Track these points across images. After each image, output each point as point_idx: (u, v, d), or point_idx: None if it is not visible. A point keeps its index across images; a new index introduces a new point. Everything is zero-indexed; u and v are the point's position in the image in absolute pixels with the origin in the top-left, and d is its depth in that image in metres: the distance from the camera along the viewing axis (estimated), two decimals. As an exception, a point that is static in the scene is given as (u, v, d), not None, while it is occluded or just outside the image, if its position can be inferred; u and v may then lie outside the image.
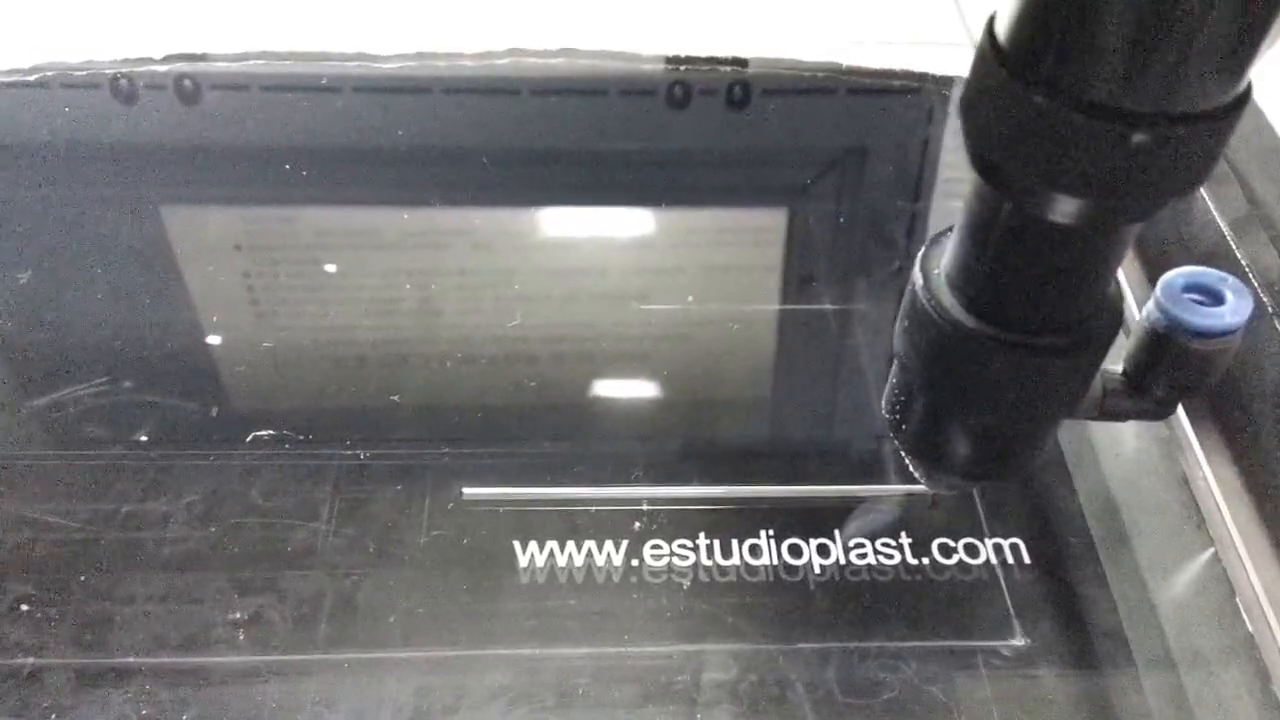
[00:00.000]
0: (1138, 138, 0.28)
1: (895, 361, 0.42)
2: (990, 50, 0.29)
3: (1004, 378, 0.37)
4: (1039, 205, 0.32)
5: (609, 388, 0.62)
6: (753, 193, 0.77)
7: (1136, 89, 0.27)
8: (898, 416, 0.43)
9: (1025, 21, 0.28)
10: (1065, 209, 0.31)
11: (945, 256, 0.38)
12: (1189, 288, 0.41)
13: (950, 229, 0.38)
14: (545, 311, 0.65)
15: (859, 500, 0.55)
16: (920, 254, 0.39)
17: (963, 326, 0.37)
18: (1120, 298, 0.38)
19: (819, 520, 0.53)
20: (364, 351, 0.63)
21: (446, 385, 0.61)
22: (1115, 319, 0.37)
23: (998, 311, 0.36)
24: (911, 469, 0.46)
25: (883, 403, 0.44)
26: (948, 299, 0.37)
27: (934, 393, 0.40)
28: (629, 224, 0.74)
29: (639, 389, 0.62)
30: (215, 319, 0.64)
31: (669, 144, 0.80)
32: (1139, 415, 0.43)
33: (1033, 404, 0.39)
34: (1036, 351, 0.36)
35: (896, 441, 0.44)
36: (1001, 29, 0.29)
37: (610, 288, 0.68)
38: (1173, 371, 0.42)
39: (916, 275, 0.38)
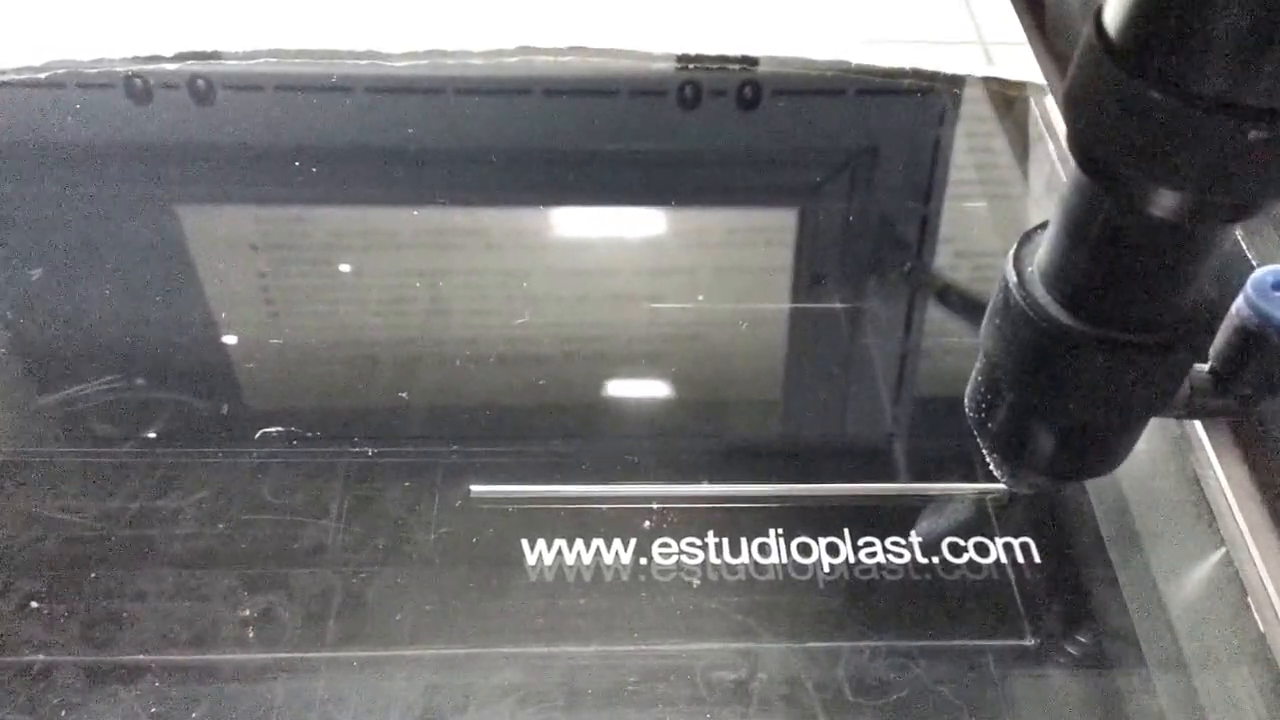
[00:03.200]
0: (1254, 133, 0.28)
1: (981, 360, 0.42)
2: (1098, 44, 0.29)
3: (1101, 375, 0.37)
4: (1144, 200, 0.32)
5: (619, 386, 0.62)
6: (763, 193, 0.77)
7: (1252, 84, 0.27)
8: (983, 415, 0.43)
9: (1138, 16, 0.28)
10: (1171, 204, 0.31)
11: (1039, 254, 0.38)
12: (1279, 284, 0.41)
13: (1041, 226, 0.38)
14: (555, 310, 0.65)
15: (869, 499, 0.55)
16: (1011, 251, 0.39)
17: (1059, 324, 0.37)
18: (1215, 295, 0.38)
19: (828, 519, 0.53)
20: (374, 350, 0.63)
21: (456, 383, 0.61)
22: (1211, 316, 0.37)
23: (1096, 309, 0.36)
24: (993, 468, 0.45)
25: (966, 401, 0.44)
26: (1042, 296, 0.37)
27: (1025, 391, 0.40)
28: (639, 224, 0.74)
29: (649, 388, 0.62)
30: (227, 317, 0.64)
31: (680, 144, 0.80)
32: (1225, 412, 0.43)
33: (1127, 401, 0.39)
34: (1136, 349, 0.36)
35: (980, 440, 0.44)
36: (1111, 22, 0.29)
37: (620, 287, 0.68)
38: (1261, 368, 0.41)
39: (1009, 273, 0.38)
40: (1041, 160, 0.73)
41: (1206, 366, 0.42)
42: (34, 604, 0.49)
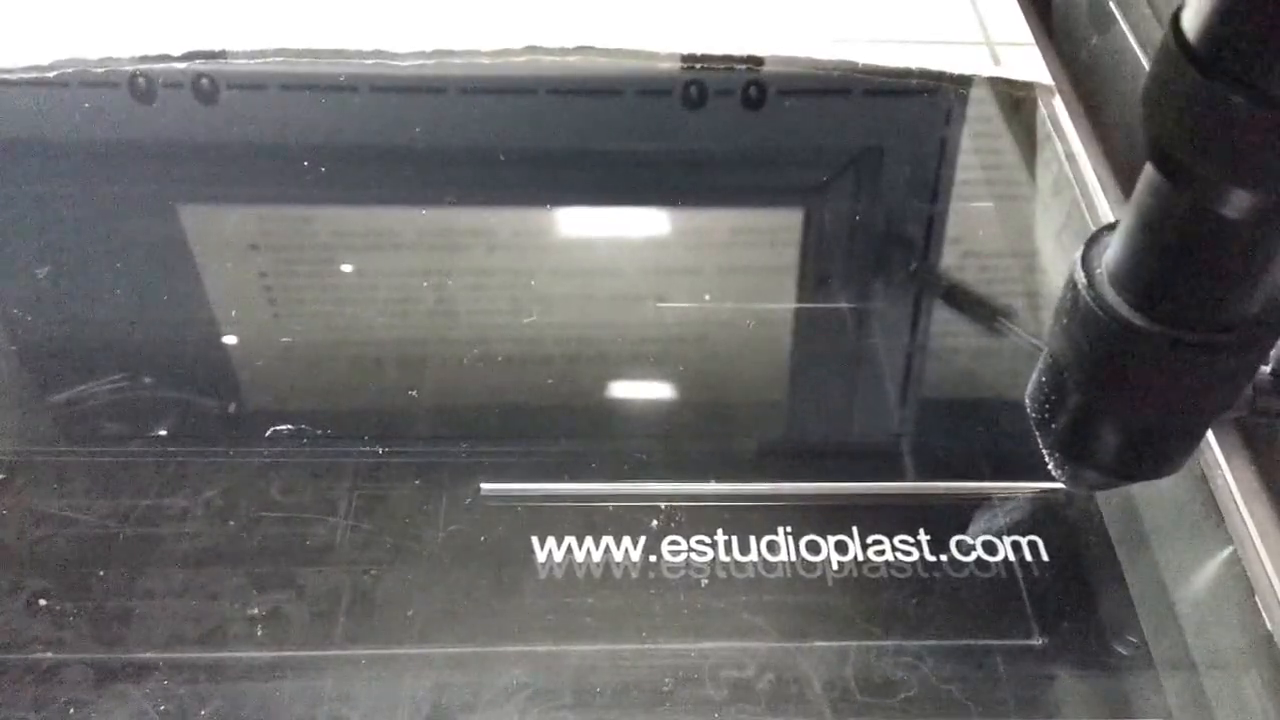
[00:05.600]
0: None
1: (1045, 360, 0.42)
2: (1176, 46, 0.29)
3: (1170, 375, 0.37)
4: (1219, 201, 0.32)
5: (627, 385, 0.62)
6: (769, 192, 0.77)
7: None
8: (1046, 415, 0.43)
9: (1217, 18, 0.28)
10: (1246, 205, 0.31)
11: (1107, 255, 0.38)
12: None
13: (1108, 227, 0.38)
14: (562, 309, 0.65)
15: (877, 497, 0.55)
16: (1079, 253, 0.39)
17: (1130, 324, 0.37)
18: None
19: (837, 517, 0.53)
20: (382, 349, 0.63)
21: (465, 382, 0.61)
22: (1279, 317, 0.37)
23: (1166, 309, 0.36)
24: (1052, 469, 0.45)
25: (1028, 400, 0.44)
26: (1112, 297, 0.37)
27: (1092, 391, 0.40)
28: (645, 223, 0.74)
29: (657, 386, 0.62)
30: (236, 316, 0.64)
31: (685, 144, 0.80)
32: None
33: (1197, 401, 0.39)
34: (1206, 349, 0.36)
35: (1041, 439, 0.44)
36: (1190, 26, 0.29)
37: (627, 286, 0.68)
38: None
39: (1078, 274, 0.38)
40: (1049, 161, 0.73)
41: (1269, 368, 0.42)
42: (43, 602, 0.49)
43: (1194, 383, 0.38)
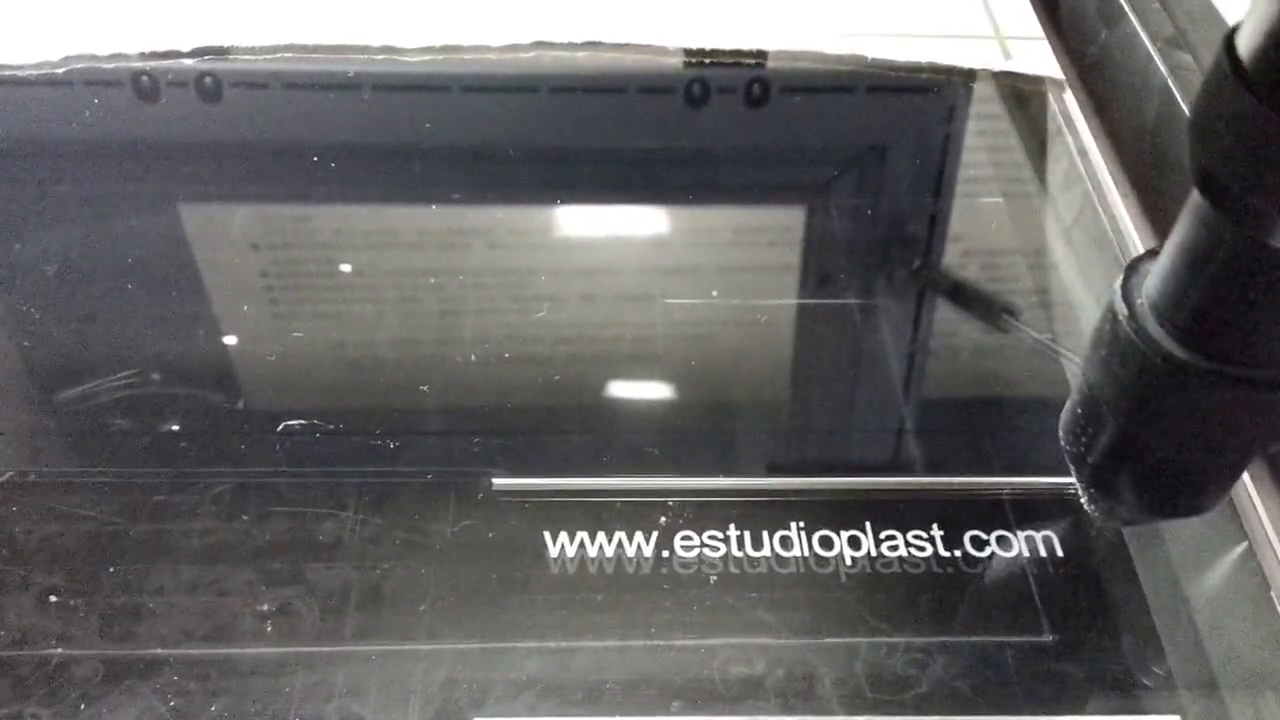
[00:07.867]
0: None
1: (1081, 391, 0.41)
2: (1230, 69, 0.28)
3: (1216, 410, 0.36)
4: (1274, 234, 0.31)
5: (637, 381, 0.62)
6: (778, 188, 0.77)
7: None
8: (1082, 449, 0.42)
9: (1275, 43, 0.27)
10: None
11: (1150, 284, 0.37)
12: None
13: (1148, 255, 0.37)
14: (571, 306, 0.65)
15: (890, 492, 0.55)
16: (1119, 282, 0.38)
17: (1174, 357, 0.35)
18: None
19: (850, 512, 0.53)
20: (392, 346, 0.63)
21: (474, 378, 0.61)
22: None
23: (1211, 342, 0.35)
24: (1086, 502, 0.44)
25: (1061, 433, 0.43)
26: (1154, 329, 0.36)
27: (1132, 425, 0.39)
28: (654, 220, 0.74)
29: (667, 382, 0.62)
30: (246, 312, 0.64)
31: (694, 141, 0.80)
32: None
33: (1239, 438, 0.38)
34: (1252, 385, 0.35)
35: (1075, 473, 0.43)
36: (1246, 50, 0.28)
37: (635, 283, 0.68)
38: None
39: (1118, 304, 0.37)
40: (1060, 156, 0.73)
41: None
42: (52, 598, 0.49)
43: (1237, 418, 0.37)
